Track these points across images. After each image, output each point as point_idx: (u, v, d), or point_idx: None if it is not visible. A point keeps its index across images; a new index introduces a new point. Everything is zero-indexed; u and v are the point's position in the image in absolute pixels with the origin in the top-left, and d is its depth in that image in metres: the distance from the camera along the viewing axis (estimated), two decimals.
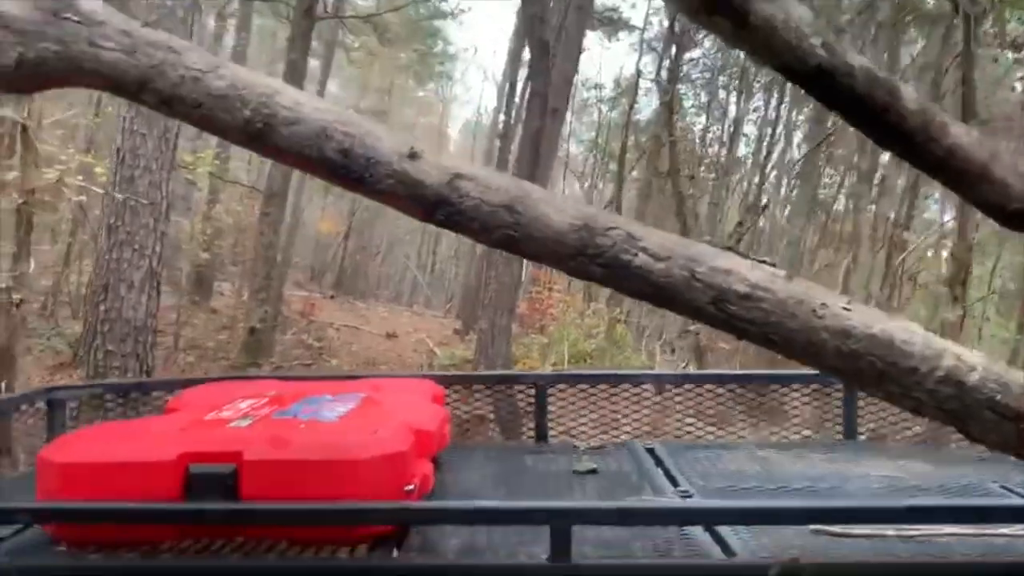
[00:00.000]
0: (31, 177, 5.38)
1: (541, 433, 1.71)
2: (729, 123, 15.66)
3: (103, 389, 1.73)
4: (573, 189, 17.99)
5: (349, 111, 0.92)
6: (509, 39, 16.05)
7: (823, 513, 1.02)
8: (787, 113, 14.92)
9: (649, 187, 13.40)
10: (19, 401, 1.52)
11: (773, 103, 14.97)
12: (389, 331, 12.11)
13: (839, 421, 1.71)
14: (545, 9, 8.20)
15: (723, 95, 15.93)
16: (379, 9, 11.88)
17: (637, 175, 14.95)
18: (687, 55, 13.53)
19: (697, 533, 1.05)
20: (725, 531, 1.04)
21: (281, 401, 1.33)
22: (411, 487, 1.09)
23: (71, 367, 6.55)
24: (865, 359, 0.86)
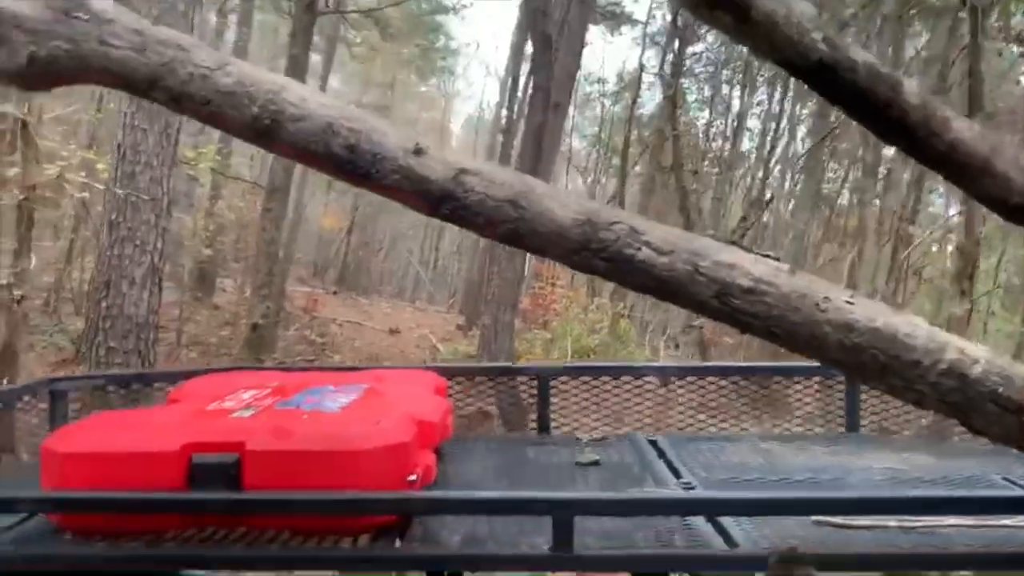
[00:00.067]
0: (31, 173, 5.37)
1: (543, 425, 1.70)
2: (733, 117, 15.61)
3: (105, 380, 1.73)
4: (576, 184, 17.94)
5: (353, 107, 0.92)
6: (511, 34, 15.99)
7: (825, 504, 1.02)
8: (791, 107, 14.86)
9: (652, 182, 13.35)
10: (21, 392, 1.52)
11: (777, 97, 14.91)
12: (392, 327, 12.12)
13: (841, 414, 1.71)
14: (547, 3, 8.19)
15: (726, 89, 15.88)
16: (381, 4, 11.85)
17: (640, 170, 14.90)
18: (690, 49, 13.48)
19: (699, 524, 1.05)
20: (728, 522, 1.05)
21: (284, 392, 1.32)
22: (413, 477, 1.09)
23: (73, 364, 6.57)
24: (868, 352, 0.86)
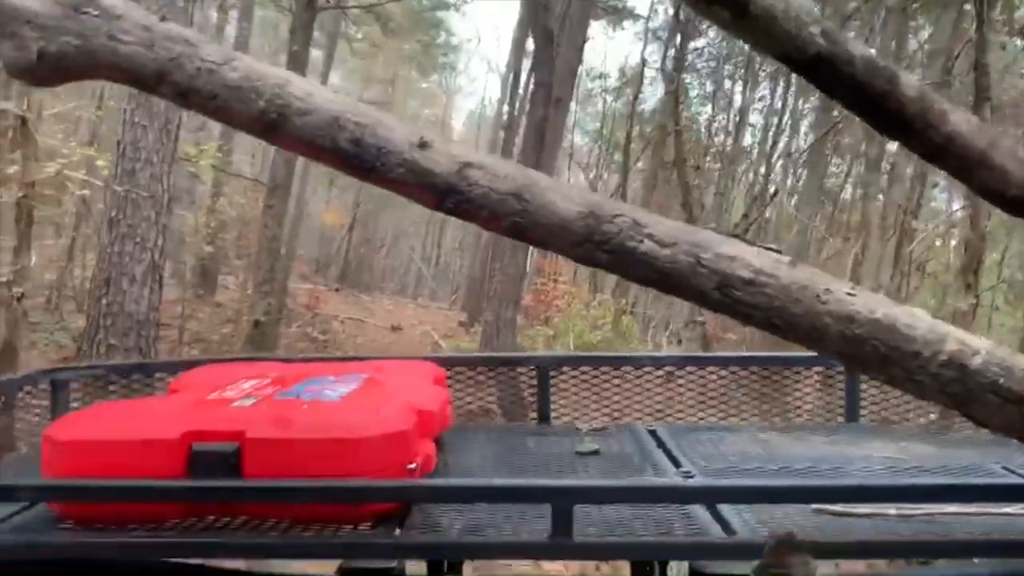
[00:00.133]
0: (31, 170, 5.36)
1: (543, 415, 1.70)
2: (735, 112, 15.57)
3: (106, 370, 1.74)
4: (578, 180, 17.91)
5: (358, 102, 0.93)
6: (513, 29, 15.97)
7: (824, 492, 1.03)
8: (793, 102, 14.83)
9: (655, 177, 13.33)
10: (22, 382, 1.52)
11: (779, 92, 14.88)
12: (394, 324, 12.13)
13: (841, 404, 1.71)
14: None
15: (729, 84, 15.84)
16: None
17: (642, 165, 14.88)
18: (692, 44, 13.44)
19: (698, 512, 1.06)
20: (726, 510, 1.05)
21: (284, 382, 1.32)
22: (413, 465, 1.09)
23: (74, 361, 6.60)
24: (868, 343, 0.86)
